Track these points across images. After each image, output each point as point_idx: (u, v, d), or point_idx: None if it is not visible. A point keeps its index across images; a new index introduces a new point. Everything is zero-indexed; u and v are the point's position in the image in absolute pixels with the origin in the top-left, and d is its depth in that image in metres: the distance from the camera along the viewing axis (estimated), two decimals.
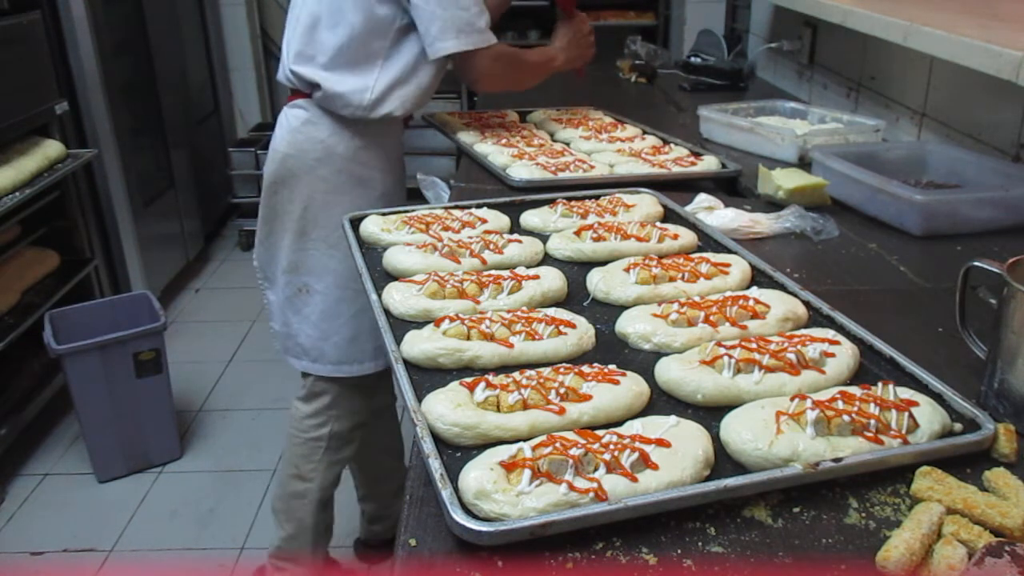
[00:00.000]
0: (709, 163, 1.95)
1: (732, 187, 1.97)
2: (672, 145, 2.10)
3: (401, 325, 1.16)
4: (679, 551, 0.78)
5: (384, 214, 1.52)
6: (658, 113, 2.70)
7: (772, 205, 1.74)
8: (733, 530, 0.81)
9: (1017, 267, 1.00)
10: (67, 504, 2.69)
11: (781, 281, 1.27)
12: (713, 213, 1.62)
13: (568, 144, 2.14)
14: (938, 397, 0.97)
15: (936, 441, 0.90)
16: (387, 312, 1.20)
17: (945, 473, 0.85)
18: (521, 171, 1.85)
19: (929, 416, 0.92)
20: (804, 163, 1.96)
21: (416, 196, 1.94)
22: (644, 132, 2.24)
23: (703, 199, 1.68)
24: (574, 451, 0.85)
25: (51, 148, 2.99)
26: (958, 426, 0.94)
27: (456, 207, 1.56)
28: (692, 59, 3.11)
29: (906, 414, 0.91)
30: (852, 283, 1.40)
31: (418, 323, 1.16)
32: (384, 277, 1.32)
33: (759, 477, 0.84)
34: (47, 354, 2.60)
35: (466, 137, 2.16)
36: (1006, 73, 1.50)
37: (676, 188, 1.79)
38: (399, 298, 1.20)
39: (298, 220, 1.87)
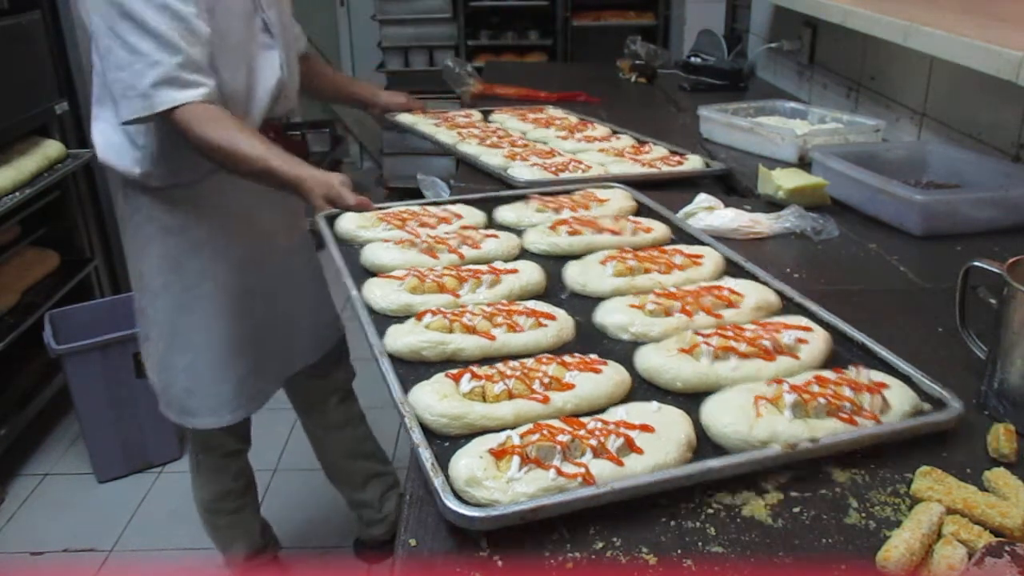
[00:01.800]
0: (694, 162, 1.96)
1: (730, 186, 1.97)
2: (651, 144, 2.09)
3: (382, 321, 1.16)
4: (679, 551, 0.78)
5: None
6: (658, 113, 2.69)
7: (772, 205, 1.74)
8: (733, 530, 0.81)
9: (1017, 267, 1.00)
10: (67, 504, 2.69)
11: (752, 271, 1.30)
12: (713, 213, 1.62)
13: (546, 143, 2.14)
14: (907, 379, 1.00)
15: (908, 420, 0.94)
16: (368, 308, 1.19)
17: (945, 473, 0.85)
18: (523, 172, 1.85)
19: (900, 397, 0.96)
20: (804, 163, 1.96)
21: (416, 196, 1.93)
22: (614, 131, 2.24)
23: (703, 199, 1.68)
24: (561, 437, 0.86)
25: (51, 148, 2.99)
26: (927, 406, 0.97)
27: (432, 203, 1.57)
28: (692, 59, 3.10)
29: (878, 396, 0.95)
30: (852, 283, 1.40)
31: (399, 318, 1.16)
32: (362, 274, 1.32)
33: (740, 458, 0.86)
34: (47, 354, 2.60)
35: (446, 137, 2.15)
36: (1006, 73, 1.50)
37: (676, 188, 1.79)
38: (380, 293, 1.21)
39: (133, 265, 1.80)
